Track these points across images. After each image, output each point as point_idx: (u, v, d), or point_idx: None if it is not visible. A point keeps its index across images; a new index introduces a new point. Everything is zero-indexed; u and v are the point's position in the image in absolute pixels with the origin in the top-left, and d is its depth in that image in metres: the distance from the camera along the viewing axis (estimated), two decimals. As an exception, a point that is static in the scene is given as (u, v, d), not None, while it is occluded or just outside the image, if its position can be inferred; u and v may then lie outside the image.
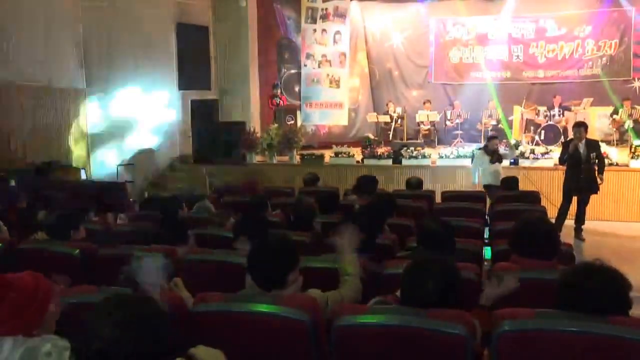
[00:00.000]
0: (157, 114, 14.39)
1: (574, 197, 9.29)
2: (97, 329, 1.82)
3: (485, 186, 9.91)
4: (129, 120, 13.79)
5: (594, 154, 9.03)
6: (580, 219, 9.34)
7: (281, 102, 15.07)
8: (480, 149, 10.73)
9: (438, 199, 8.49)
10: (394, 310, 2.77)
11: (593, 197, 9.86)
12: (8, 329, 2.29)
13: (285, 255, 3.13)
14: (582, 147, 9.03)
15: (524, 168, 11.43)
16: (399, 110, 15.61)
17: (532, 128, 14.26)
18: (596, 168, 9.10)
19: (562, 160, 9.43)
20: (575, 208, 9.33)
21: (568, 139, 10.66)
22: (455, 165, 12.03)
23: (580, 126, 9.35)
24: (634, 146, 11.46)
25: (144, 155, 14.09)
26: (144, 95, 14.00)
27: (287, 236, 4.01)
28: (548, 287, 2.99)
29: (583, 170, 9.03)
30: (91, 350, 1.80)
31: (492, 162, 10.01)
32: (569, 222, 9.25)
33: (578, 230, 9.31)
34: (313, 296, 3.06)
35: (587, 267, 2.68)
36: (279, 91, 15.16)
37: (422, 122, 15.30)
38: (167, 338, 1.93)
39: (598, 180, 9.09)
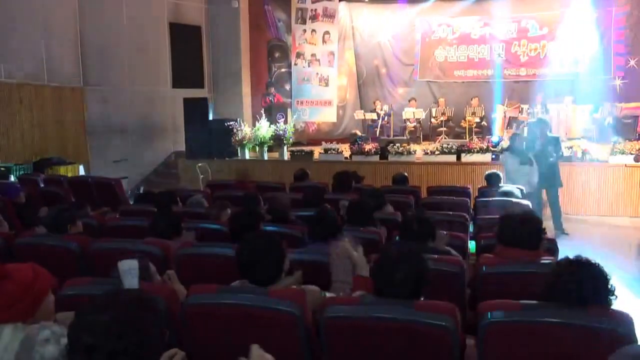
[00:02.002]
0: (151, 111, 14.66)
1: (542, 191, 9.41)
2: (89, 324, 1.80)
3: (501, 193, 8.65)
4: (125, 117, 14.04)
5: (551, 147, 9.19)
6: (555, 214, 9.47)
7: (275, 99, 15.30)
8: (505, 150, 9.62)
9: (424, 193, 8.50)
10: (381, 302, 2.80)
11: (576, 193, 10.19)
12: (4, 318, 2.38)
13: (272, 251, 3.17)
14: (540, 143, 9.22)
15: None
16: (385, 107, 15.83)
17: (514, 125, 14.40)
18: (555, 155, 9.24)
19: None
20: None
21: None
22: (440, 161, 12.09)
23: (542, 122, 9.70)
24: (613, 143, 11.58)
25: (139, 151, 14.36)
26: (139, 93, 14.26)
27: (271, 233, 4.08)
28: (532, 279, 3.13)
29: (543, 164, 9.14)
30: (81, 344, 1.77)
31: (522, 163, 8.86)
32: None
33: (557, 224, 9.45)
34: (302, 289, 3.09)
35: (570, 263, 2.80)
36: (272, 89, 15.40)
37: (408, 119, 15.50)
38: (160, 337, 1.90)
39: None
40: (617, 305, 2.75)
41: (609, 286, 2.72)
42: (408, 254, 2.94)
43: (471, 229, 6.09)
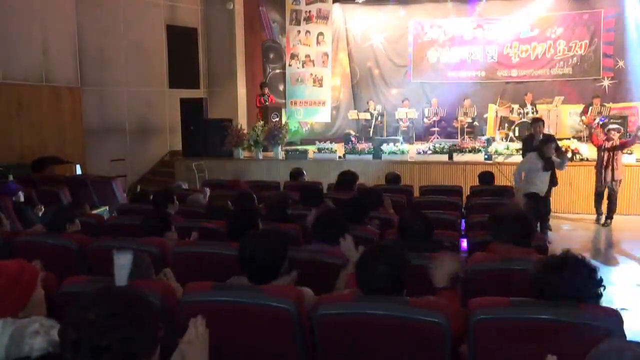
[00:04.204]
0: (148, 111, 14.77)
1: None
2: (76, 320, 1.78)
3: (527, 195, 8.42)
4: (122, 117, 14.16)
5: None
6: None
7: (270, 100, 15.39)
8: (534, 150, 8.86)
9: (416, 192, 8.59)
10: (374, 299, 2.80)
11: (566, 191, 10.30)
12: None
13: (275, 251, 3.19)
14: (538, 142, 9.18)
15: (498, 164, 11.57)
16: (379, 107, 15.98)
17: (506, 125, 14.54)
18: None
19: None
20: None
21: (528, 134, 10.64)
22: (433, 161, 12.21)
23: (538, 121, 9.77)
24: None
25: (136, 150, 14.46)
26: (136, 93, 14.38)
27: (276, 230, 4.05)
28: (523, 276, 3.11)
29: None
30: (68, 339, 1.76)
31: (545, 169, 8.56)
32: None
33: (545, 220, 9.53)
34: (298, 288, 3.07)
35: (557, 260, 2.79)
36: (267, 90, 15.52)
37: (401, 119, 15.65)
38: (151, 333, 1.87)
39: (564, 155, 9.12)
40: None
41: (597, 279, 2.73)
42: (387, 250, 2.98)
43: (463, 227, 6.12)
